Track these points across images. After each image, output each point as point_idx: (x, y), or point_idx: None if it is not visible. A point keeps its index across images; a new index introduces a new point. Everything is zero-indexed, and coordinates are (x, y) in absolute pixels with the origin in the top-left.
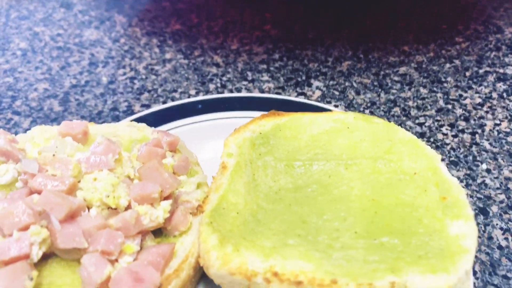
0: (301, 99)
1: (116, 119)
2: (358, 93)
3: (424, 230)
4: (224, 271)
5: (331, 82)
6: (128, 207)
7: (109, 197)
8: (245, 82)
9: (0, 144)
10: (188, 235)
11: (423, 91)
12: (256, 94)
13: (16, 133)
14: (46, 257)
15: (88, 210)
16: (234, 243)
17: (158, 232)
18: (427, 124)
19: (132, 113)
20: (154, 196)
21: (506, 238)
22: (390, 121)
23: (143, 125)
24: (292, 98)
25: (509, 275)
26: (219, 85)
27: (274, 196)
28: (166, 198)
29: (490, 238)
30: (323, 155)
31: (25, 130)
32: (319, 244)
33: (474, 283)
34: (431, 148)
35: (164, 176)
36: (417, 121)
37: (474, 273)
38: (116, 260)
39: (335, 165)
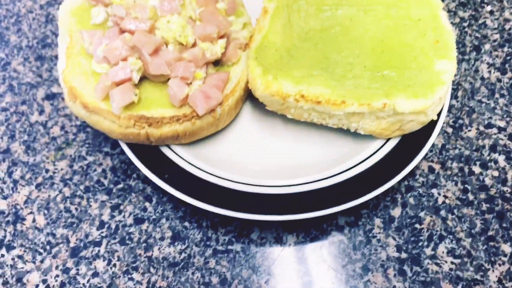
0: None
1: None
2: None
3: (416, 66)
4: (266, 93)
5: None
6: (194, 44)
7: (180, 36)
8: None
9: None
10: (238, 65)
11: None
12: None
13: None
14: (142, 79)
15: (166, 46)
16: (273, 73)
17: (216, 63)
18: None
19: None
20: (213, 35)
21: (489, 71)
22: None
23: None
24: None
25: (483, 99)
26: None
27: (305, 35)
28: (221, 37)
29: (476, 71)
30: (347, 1)
31: None
32: (336, 75)
33: (454, 105)
34: None
35: (219, 19)
36: None
37: (456, 97)
38: (191, 83)
39: (356, 10)
